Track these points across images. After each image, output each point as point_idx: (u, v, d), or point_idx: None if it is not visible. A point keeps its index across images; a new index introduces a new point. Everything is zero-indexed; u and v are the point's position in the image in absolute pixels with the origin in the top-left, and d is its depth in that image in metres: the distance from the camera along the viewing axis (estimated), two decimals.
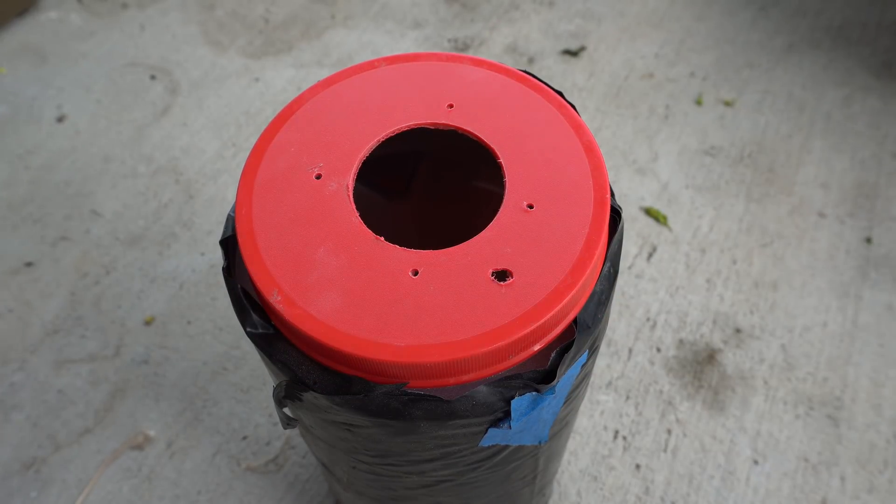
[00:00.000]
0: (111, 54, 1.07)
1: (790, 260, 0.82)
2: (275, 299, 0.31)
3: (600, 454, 0.69)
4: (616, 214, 0.36)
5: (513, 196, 0.35)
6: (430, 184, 0.50)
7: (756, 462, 0.68)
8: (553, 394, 0.33)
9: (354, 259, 0.33)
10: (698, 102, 0.99)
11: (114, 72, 1.05)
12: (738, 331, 0.77)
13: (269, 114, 0.99)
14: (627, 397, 0.72)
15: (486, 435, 0.34)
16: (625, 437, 0.70)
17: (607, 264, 0.35)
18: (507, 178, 0.35)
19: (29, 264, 0.84)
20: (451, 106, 0.38)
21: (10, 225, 0.87)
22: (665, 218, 0.86)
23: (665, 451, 0.69)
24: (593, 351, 0.37)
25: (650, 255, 0.83)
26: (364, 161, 0.36)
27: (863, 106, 0.97)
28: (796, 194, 0.88)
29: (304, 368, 0.33)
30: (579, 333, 0.33)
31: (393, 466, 0.39)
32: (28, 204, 0.89)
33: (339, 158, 0.36)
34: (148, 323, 0.78)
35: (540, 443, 0.38)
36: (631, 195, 0.88)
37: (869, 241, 0.83)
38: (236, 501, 0.67)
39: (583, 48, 1.06)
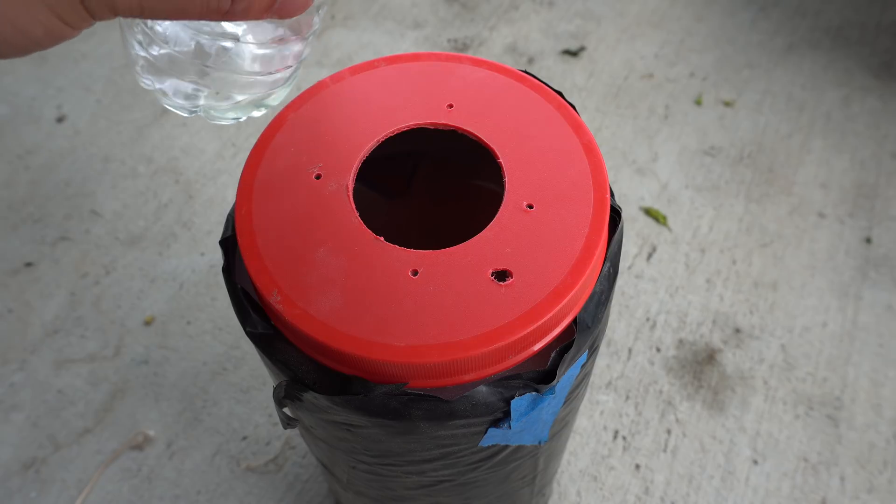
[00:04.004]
0: (111, 54, 1.07)
1: (790, 260, 0.82)
2: (275, 299, 0.31)
3: (600, 454, 0.69)
4: (616, 214, 0.36)
5: (513, 196, 0.35)
6: (430, 184, 0.50)
7: (756, 462, 0.68)
8: (553, 394, 0.33)
9: (354, 259, 0.33)
10: (698, 102, 0.99)
11: (114, 72, 1.05)
12: (737, 331, 0.77)
13: (269, 114, 0.99)
14: (627, 397, 0.72)
15: (486, 435, 0.34)
16: (625, 437, 0.70)
17: (607, 264, 0.35)
18: (506, 178, 0.35)
19: (29, 264, 0.84)
20: (451, 106, 0.38)
21: (10, 225, 0.87)
22: (665, 218, 0.86)
23: (665, 451, 0.69)
24: (593, 351, 0.37)
25: (650, 255, 0.83)
26: (364, 161, 0.37)
27: (862, 106, 0.97)
28: (796, 194, 0.88)
29: (304, 368, 0.33)
30: (579, 333, 0.33)
31: (393, 466, 0.39)
32: (28, 204, 0.89)
33: (339, 158, 0.36)
34: (148, 323, 0.78)
35: (540, 443, 0.38)
36: (631, 195, 0.88)
37: (869, 241, 0.83)
38: (236, 501, 0.67)
39: (583, 48, 1.06)
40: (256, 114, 0.32)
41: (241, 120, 0.32)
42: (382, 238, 0.33)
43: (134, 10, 0.22)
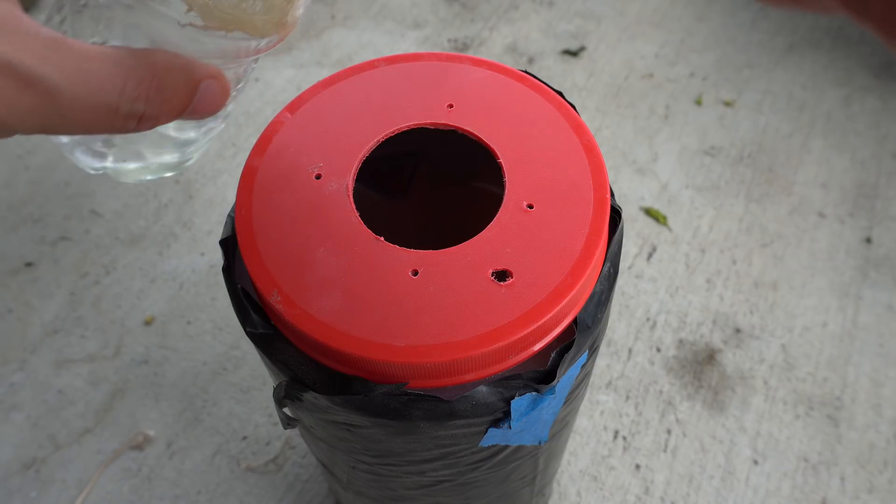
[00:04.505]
0: None
1: (790, 260, 0.82)
2: (275, 299, 0.31)
3: (600, 454, 0.69)
4: (616, 214, 0.36)
5: (513, 196, 0.35)
6: (430, 184, 0.50)
7: (756, 462, 0.68)
8: (553, 394, 0.33)
9: (354, 259, 0.33)
10: (698, 102, 0.99)
11: None
12: (737, 331, 0.76)
13: (269, 114, 0.99)
14: (627, 397, 0.72)
15: (486, 435, 0.34)
16: (625, 437, 0.70)
17: (607, 264, 0.35)
18: (506, 178, 0.35)
19: (29, 264, 0.84)
20: (451, 106, 0.38)
21: (10, 225, 0.87)
22: (665, 218, 0.86)
23: (665, 451, 0.69)
24: (593, 351, 0.37)
25: (650, 255, 0.83)
26: (364, 161, 0.37)
27: (863, 106, 0.97)
28: (796, 194, 0.88)
29: (304, 368, 0.33)
30: (579, 333, 0.33)
31: (393, 466, 0.39)
32: (28, 204, 0.89)
33: (339, 158, 0.36)
34: (148, 323, 0.78)
35: (540, 443, 0.38)
36: (631, 195, 0.88)
37: (869, 241, 0.83)
38: (236, 501, 0.67)
39: (583, 48, 1.06)
40: (168, 174, 0.32)
41: (149, 179, 0.32)
42: (382, 238, 0.33)
43: (35, 129, 0.22)
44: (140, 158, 0.30)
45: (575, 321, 0.33)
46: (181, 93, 0.23)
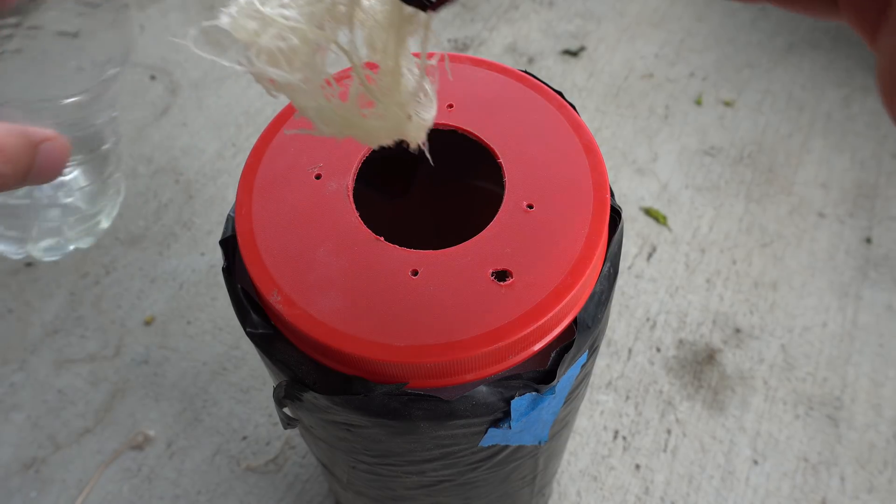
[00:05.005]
0: None
1: (790, 260, 0.82)
2: (275, 299, 0.31)
3: (600, 454, 0.69)
4: (616, 214, 0.36)
5: (512, 196, 0.35)
6: (430, 184, 0.50)
7: (756, 462, 0.68)
8: (553, 394, 0.33)
9: (354, 259, 0.33)
10: (698, 102, 0.99)
11: None
12: (737, 331, 0.77)
13: (269, 114, 0.99)
14: (627, 397, 0.72)
15: (486, 435, 0.34)
16: (625, 437, 0.70)
17: (607, 264, 0.35)
18: (506, 178, 0.35)
19: (29, 264, 0.84)
20: (450, 106, 0.38)
21: None
22: (665, 218, 0.86)
23: (665, 451, 0.69)
24: (593, 351, 0.37)
25: (650, 255, 0.83)
26: (364, 161, 0.37)
27: (863, 106, 0.97)
28: (796, 194, 0.88)
29: (304, 368, 0.33)
30: (579, 333, 0.33)
31: (393, 466, 0.39)
32: None
33: (339, 158, 0.36)
34: (148, 323, 0.78)
35: (540, 443, 0.38)
36: (631, 195, 0.88)
37: (869, 241, 0.83)
38: (236, 501, 0.67)
39: (583, 48, 1.06)
40: (84, 245, 0.33)
41: (71, 250, 0.33)
42: (382, 238, 0.33)
43: None
44: (57, 233, 0.31)
45: (575, 321, 0.33)
46: (21, 154, 0.24)
